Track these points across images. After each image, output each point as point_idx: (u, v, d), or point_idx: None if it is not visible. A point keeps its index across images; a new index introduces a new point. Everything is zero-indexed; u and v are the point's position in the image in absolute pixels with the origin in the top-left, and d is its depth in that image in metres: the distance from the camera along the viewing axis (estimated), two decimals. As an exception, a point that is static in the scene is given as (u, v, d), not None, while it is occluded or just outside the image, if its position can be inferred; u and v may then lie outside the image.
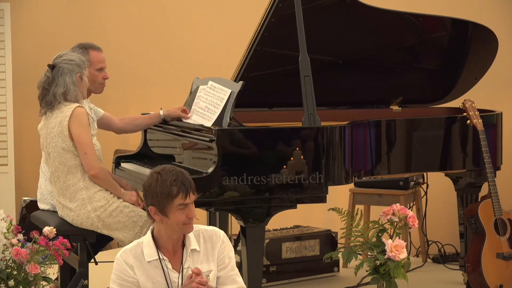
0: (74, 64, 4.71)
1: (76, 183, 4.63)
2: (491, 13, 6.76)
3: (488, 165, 5.27)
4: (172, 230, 3.62)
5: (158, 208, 3.58)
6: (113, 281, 3.65)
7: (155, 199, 3.58)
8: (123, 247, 3.73)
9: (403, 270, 4.34)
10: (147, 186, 3.62)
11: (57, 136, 4.64)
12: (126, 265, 3.64)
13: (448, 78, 5.96)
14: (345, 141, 4.76)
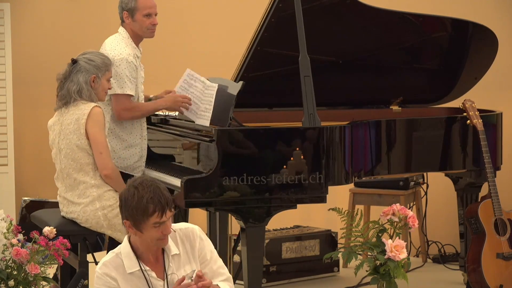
0: (93, 65, 4.70)
1: (88, 181, 4.64)
2: (491, 13, 6.77)
3: (488, 165, 5.27)
4: (147, 244, 3.55)
5: (133, 223, 3.49)
6: None
7: (130, 213, 3.49)
8: (101, 260, 3.63)
9: (403, 270, 4.35)
10: (123, 199, 3.52)
11: (73, 133, 4.63)
12: (109, 277, 3.54)
13: (448, 78, 5.96)
14: (345, 141, 4.76)
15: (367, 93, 5.87)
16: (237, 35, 6.43)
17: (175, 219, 5.54)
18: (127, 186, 3.55)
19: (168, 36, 7.58)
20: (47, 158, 7.45)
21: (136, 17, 5.17)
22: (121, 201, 3.53)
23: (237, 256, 5.63)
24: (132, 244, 3.59)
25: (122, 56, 5.01)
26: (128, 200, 3.49)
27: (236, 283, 5.32)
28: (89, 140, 4.62)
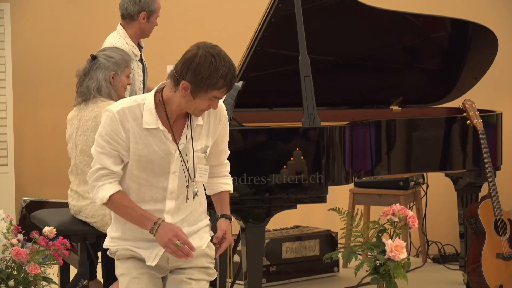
0: (113, 62, 4.69)
1: None
2: (491, 13, 6.77)
3: (488, 165, 5.27)
4: (186, 108, 3.40)
5: (193, 88, 3.32)
6: (101, 135, 3.42)
7: (196, 79, 3.30)
8: (119, 102, 3.45)
9: (403, 270, 4.35)
10: (196, 62, 3.30)
11: (90, 131, 4.62)
12: (122, 127, 3.38)
13: (448, 78, 5.96)
14: (345, 141, 4.76)
15: (367, 93, 5.87)
16: (237, 35, 6.43)
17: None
18: (202, 49, 3.32)
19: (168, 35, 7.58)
20: (47, 158, 7.47)
21: (152, 18, 5.32)
22: (189, 61, 3.32)
23: (237, 256, 5.63)
24: (163, 99, 3.43)
25: None
26: (202, 66, 3.30)
27: (236, 283, 5.33)
28: None
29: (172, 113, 3.43)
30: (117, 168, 3.43)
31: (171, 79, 3.41)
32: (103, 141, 3.42)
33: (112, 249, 3.56)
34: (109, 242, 3.58)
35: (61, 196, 6.73)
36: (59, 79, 7.10)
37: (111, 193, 3.43)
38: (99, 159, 3.44)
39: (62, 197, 6.69)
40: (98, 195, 3.45)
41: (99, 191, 3.44)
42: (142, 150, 3.41)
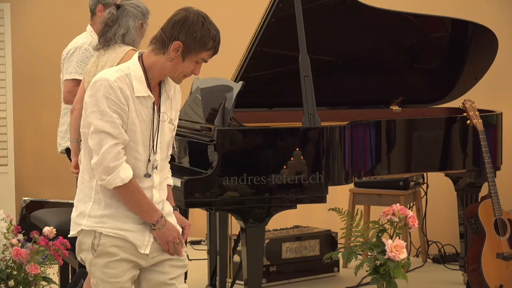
0: (140, 10, 4.70)
1: None
2: (491, 13, 6.77)
3: (488, 165, 5.27)
4: (171, 73, 3.37)
5: (185, 48, 3.31)
6: (107, 106, 3.26)
7: (190, 38, 3.30)
8: (107, 72, 3.32)
9: (403, 270, 4.35)
10: (189, 23, 3.33)
11: None
12: (121, 93, 3.28)
13: (448, 78, 5.96)
14: (345, 141, 4.76)
15: (367, 93, 5.87)
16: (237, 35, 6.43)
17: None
18: (192, 11, 3.39)
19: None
20: (47, 158, 7.47)
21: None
22: (183, 22, 3.34)
23: (237, 256, 5.63)
24: (145, 66, 3.37)
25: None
26: (196, 26, 3.34)
27: (236, 283, 5.33)
28: None
29: (153, 80, 3.39)
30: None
31: (156, 43, 3.36)
32: (111, 112, 3.26)
33: (98, 229, 3.32)
34: (92, 222, 3.33)
35: (61, 196, 6.74)
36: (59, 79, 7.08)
37: (132, 173, 3.29)
38: (115, 132, 3.25)
39: (62, 197, 6.70)
40: (120, 175, 3.27)
41: (121, 171, 3.27)
42: (136, 120, 3.32)
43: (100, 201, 3.35)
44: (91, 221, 3.34)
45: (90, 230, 3.33)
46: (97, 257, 3.34)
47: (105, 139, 3.26)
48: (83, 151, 3.41)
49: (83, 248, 3.38)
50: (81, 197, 3.39)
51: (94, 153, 3.30)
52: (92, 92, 3.29)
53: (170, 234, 3.40)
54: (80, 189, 3.41)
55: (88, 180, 3.37)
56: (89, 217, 3.34)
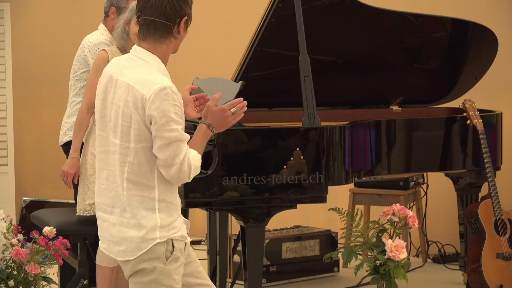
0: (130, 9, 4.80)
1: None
2: (491, 13, 6.77)
3: (488, 165, 5.27)
4: (172, 51, 3.40)
5: (187, 19, 3.33)
6: (175, 113, 3.23)
7: (189, 8, 3.32)
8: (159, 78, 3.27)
9: (403, 270, 4.35)
10: None
11: None
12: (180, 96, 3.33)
13: (448, 78, 5.96)
14: (345, 141, 4.76)
15: (367, 93, 5.87)
16: (237, 35, 6.43)
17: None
18: None
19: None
20: (47, 158, 7.47)
21: (122, 16, 5.47)
22: None
23: (237, 256, 5.63)
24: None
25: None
26: None
27: (236, 283, 5.33)
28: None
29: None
30: None
31: (156, 33, 3.31)
32: (179, 118, 3.25)
33: (171, 236, 3.29)
34: (165, 231, 3.30)
35: (61, 196, 6.74)
36: (59, 79, 7.10)
37: (198, 156, 3.34)
38: (183, 138, 3.25)
39: (62, 197, 6.70)
40: (196, 171, 3.31)
41: (192, 167, 3.29)
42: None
43: (166, 208, 3.32)
44: (164, 230, 3.30)
45: (165, 241, 3.30)
46: (168, 264, 3.31)
47: (177, 148, 3.25)
48: (138, 168, 3.30)
49: (153, 257, 3.31)
50: (143, 214, 3.30)
51: (166, 165, 3.25)
52: (158, 104, 3.23)
53: (221, 120, 3.42)
54: (136, 207, 3.30)
55: (147, 193, 3.30)
56: (162, 227, 3.30)
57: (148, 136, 3.26)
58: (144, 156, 3.28)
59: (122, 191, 3.31)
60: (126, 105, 3.29)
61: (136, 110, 3.26)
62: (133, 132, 3.27)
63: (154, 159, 3.27)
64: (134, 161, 3.28)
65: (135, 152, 3.27)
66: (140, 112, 3.26)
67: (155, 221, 3.29)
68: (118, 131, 3.30)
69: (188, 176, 3.29)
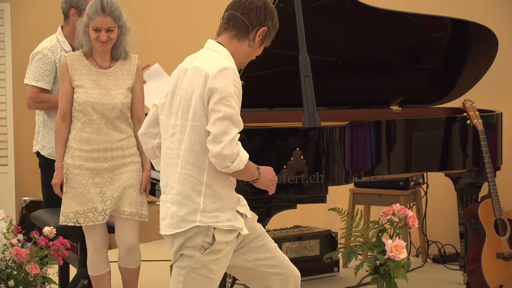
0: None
1: None
2: (491, 13, 6.76)
3: (488, 165, 5.27)
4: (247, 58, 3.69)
5: (266, 34, 3.59)
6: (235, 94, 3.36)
7: (270, 24, 3.61)
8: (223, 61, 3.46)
9: (403, 270, 4.35)
10: (269, 8, 3.58)
11: None
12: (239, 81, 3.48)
13: (448, 78, 5.96)
14: (345, 141, 4.76)
15: (367, 93, 5.87)
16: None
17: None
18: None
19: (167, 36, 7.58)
20: (47, 158, 7.45)
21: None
22: (265, 8, 3.57)
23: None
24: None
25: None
26: (274, 12, 3.64)
27: (236, 283, 5.32)
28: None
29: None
30: None
31: (236, 29, 3.48)
32: (237, 100, 3.38)
33: (213, 225, 3.35)
34: (207, 218, 3.36)
35: (61, 196, 6.73)
36: (59, 79, 7.10)
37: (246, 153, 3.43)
38: (238, 119, 3.35)
39: (62, 197, 6.68)
40: (242, 159, 3.38)
41: (242, 156, 3.38)
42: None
43: (212, 194, 3.38)
44: (206, 216, 3.36)
45: (205, 227, 3.35)
46: (206, 255, 3.37)
47: (229, 127, 3.32)
48: (190, 146, 3.39)
49: (190, 245, 3.38)
50: (188, 193, 3.38)
51: (215, 141, 3.31)
52: (219, 80, 3.34)
53: (270, 174, 3.53)
54: (183, 185, 3.40)
55: (197, 175, 3.38)
56: (203, 212, 3.36)
57: (204, 115, 3.35)
58: (197, 135, 3.36)
59: (175, 168, 3.41)
60: (189, 85, 3.42)
61: (198, 87, 3.37)
62: (191, 110, 3.37)
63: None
64: (188, 138, 3.37)
65: (190, 130, 3.37)
66: (200, 89, 3.37)
67: (197, 204, 3.36)
68: (179, 113, 3.40)
69: (232, 161, 3.31)
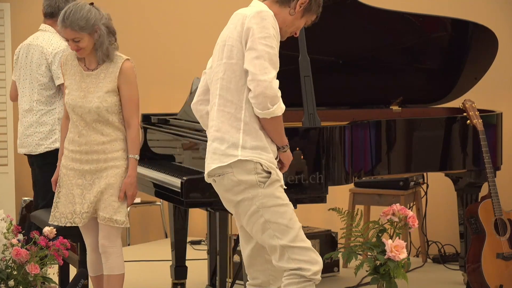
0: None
1: None
2: (491, 13, 6.76)
3: (488, 165, 5.27)
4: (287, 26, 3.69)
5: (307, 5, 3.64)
6: (274, 36, 3.47)
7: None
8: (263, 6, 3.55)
9: (403, 270, 4.35)
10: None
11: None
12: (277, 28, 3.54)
13: (448, 78, 5.96)
14: (345, 141, 4.76)
15: (367, 93, 5.87)
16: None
17: (175, 220, 5.54)
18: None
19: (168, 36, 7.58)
20: (47, 158, 7.45)
21: None
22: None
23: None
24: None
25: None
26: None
27: (236, 283, 5.32)
28: None
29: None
30: None
31: None
32: (276, 41, 3.48)
33: (257, 160, 3.44)
34: (249, 153, 3.44)
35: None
36: (59, 79, 7.10)
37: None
38: (276, 60, 3.50)
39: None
40: (281, 106, 3.46)
41: (281, 102, 3.46)
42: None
43: (250, 132, 3.45)
44: (247, 152, 3.44)
45: (248, 161, 3.43)
46: (268, 186, 3.47)
47: (268, 68, 3.43)
48: (226, 83, 3.49)
49: (244, 187, 3.47)
50: (227, 129, 3.46)
51: (254, 80, 3.40)
52: (258, 20, 3.42)
53: (290, 156, 3.61)
54: (222, 122, 3.48)
55: (234, 111, 3.46)
56: (244, 148, 3.44)
57: (240, 53, 3.44)
58: (233, 73, 3.45)
59: (214, 106, 3.51)
60: (227, 28, 3.55)
61: (235, 28, 3.48)
62: (227, 49, 3.48)
63: (243, 80, 3.44)
64: (224, 76, 3.46)
65: (225, 68, 3.46)
66: (238, 29, 3.48)
67: (237, 139, 3.44)
68: (220, 57, 3.53)
69: (273, 104, 3.40)
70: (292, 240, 3.50)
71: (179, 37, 7.51)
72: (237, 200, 3.50)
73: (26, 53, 5.49)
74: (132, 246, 7.41)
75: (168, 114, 5.51)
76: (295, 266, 3.49)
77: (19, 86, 5.51)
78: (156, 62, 7.59)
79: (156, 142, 5.46)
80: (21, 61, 5.52)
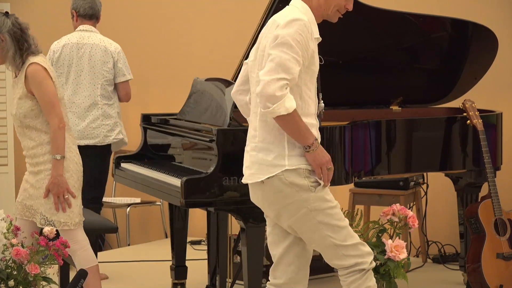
0: None
1: None
2: (491, 13, 6.77)
3: (488, 165, 5.27)
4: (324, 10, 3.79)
5: None
6: (296, 41, 3.47)
7: None
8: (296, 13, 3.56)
9: (403, 270, 4.35)
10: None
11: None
12: (310, 36, 3.57)
13: (448, 78, 5.96)
14: (345, 141, 4.76)
15: (367, 93, 5.87)
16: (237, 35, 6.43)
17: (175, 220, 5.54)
18: None
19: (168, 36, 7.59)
20: (47, 158, 7.45)
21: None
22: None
23: (237, 256, 5.63)
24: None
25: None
26: None
27: (236, 283, 5.33)
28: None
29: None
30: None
31: None
32: (298, 48, 3.46)
33: (304, 166, 3.52)
34: (296, 161, 3.52)
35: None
36: (59, 79, 7.10)
37: (295, 104, 3.45)
38: (289, 66, 3.44)
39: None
40: (285, 105, 3.42)
41: (286, 101, 3.42)
42: (314, 62, 3.58)
43: (293, 140, 3.51)
44: (294, 160, 3.50)
45: (295, 169, 3.49)
46: (318, 191, 3.54)
47: (274, 69, 3.41)
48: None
49: (296, 190, 3.53)
50: (271, 140, 3.52)
51: (259, 80, 3.43)
52: (285, 29, 3.45)
53: (322, 156, 3.53)
54: (266, 131, 3.54)
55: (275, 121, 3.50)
56: (290, 156, 3.50)
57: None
58: None
59: (255, 117, 3.57)
60: (265, 37, 3.56)
61: (269, 37, 3.49)
62: (265, 59, 3.50)
63: None
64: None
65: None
66: (269, 36, 3.50)
67: (282, 148, 3.50)
68: (257, 64, 3.57)
69: (272, 103, 3.39)
70: (344, 239, 3.65)
71: (179, 37, 7.51)
72: (287, 202, 3.57)
73: (77, 51, 5.97)
74: (132, 246, 7.42)
75: (168, 114, 5.51)
76: (352, 262, 3.65)
77: (67, 82, 5.94)
78: (156, 62, 7.59)
79: (156, 142, 5.46)
80: (70, 58, 5.98)
